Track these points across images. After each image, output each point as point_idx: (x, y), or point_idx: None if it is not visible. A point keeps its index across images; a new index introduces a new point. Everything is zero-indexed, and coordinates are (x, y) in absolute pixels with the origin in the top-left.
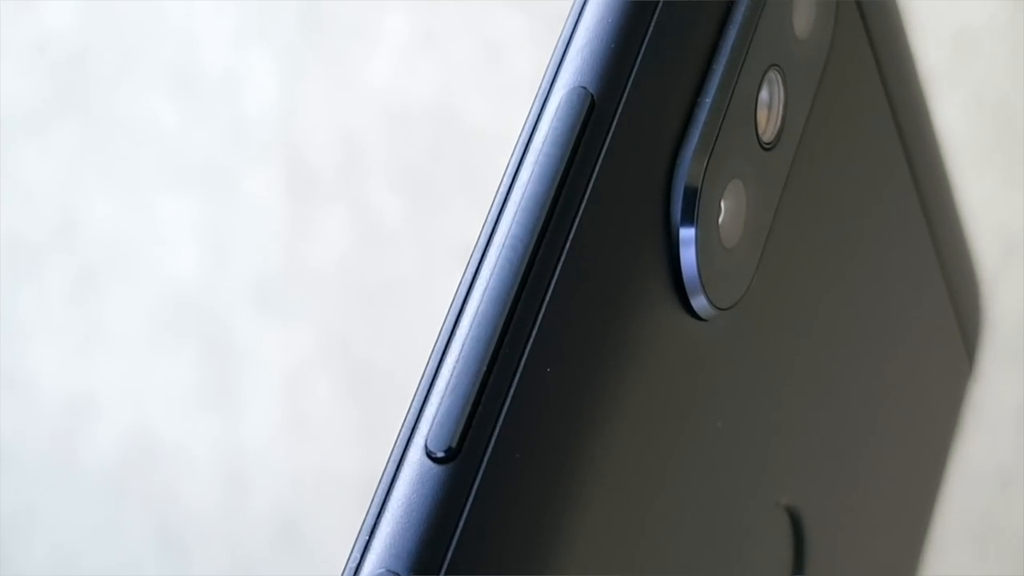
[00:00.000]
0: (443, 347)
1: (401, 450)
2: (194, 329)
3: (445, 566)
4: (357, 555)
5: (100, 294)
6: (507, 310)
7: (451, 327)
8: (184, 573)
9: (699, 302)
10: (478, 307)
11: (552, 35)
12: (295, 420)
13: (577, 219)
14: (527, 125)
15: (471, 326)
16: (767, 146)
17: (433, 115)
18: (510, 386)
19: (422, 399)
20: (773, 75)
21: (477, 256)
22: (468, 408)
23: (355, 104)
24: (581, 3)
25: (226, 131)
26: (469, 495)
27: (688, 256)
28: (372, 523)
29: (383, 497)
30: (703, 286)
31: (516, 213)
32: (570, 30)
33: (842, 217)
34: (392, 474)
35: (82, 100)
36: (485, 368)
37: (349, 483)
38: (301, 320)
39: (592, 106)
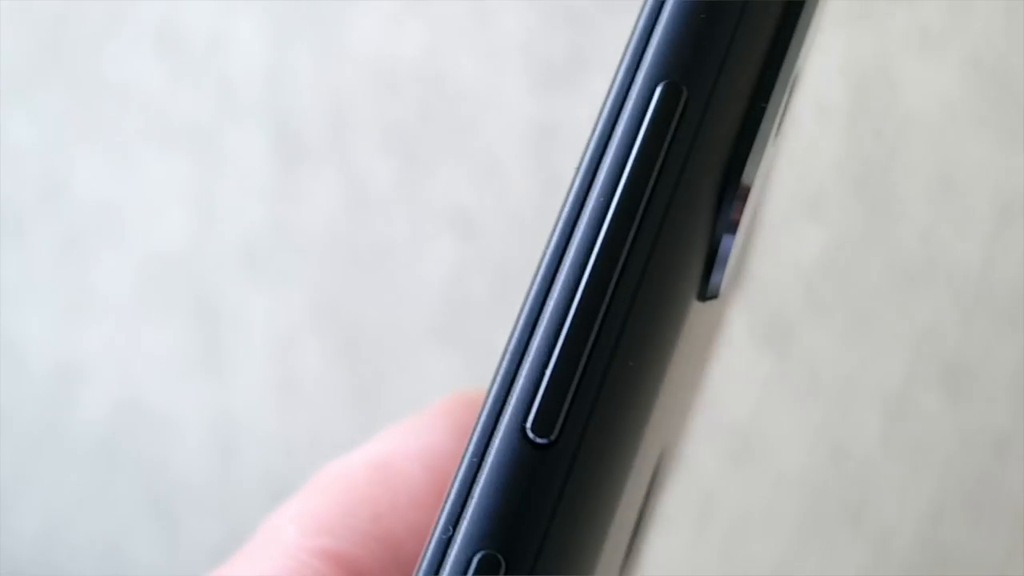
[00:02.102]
0: (529, 325)
1: (489, 429)
2: (182, 294)
3: (542, 550)
4: (444, 533)
5: (87, 259)
6: (607, 300)
7: (536, 309)
8: (175, 540)
9: (715, 284)
10: (579, 294)
11: None
12: (285, 385)
13: (669, 211)
14: (608, 110)
15: (573, 316)
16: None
17: (421, 77)
18: (604, 377)
19: (509, 377)
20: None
21: (561, 236)
22: (570, 397)
23: (343, 66)
24: None
25: (213, 93)
26: (566, 482)
27: (727, 246)
28: (459, 503)
29: (471, 476)
30: (724, 272)
31: (616, 201)
32: (649, 21)
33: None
34: (479, 454)
35: (67, 61)
36: (585, 359)
37: (340, 448)
38: (290, 284)
39: (687, 102)
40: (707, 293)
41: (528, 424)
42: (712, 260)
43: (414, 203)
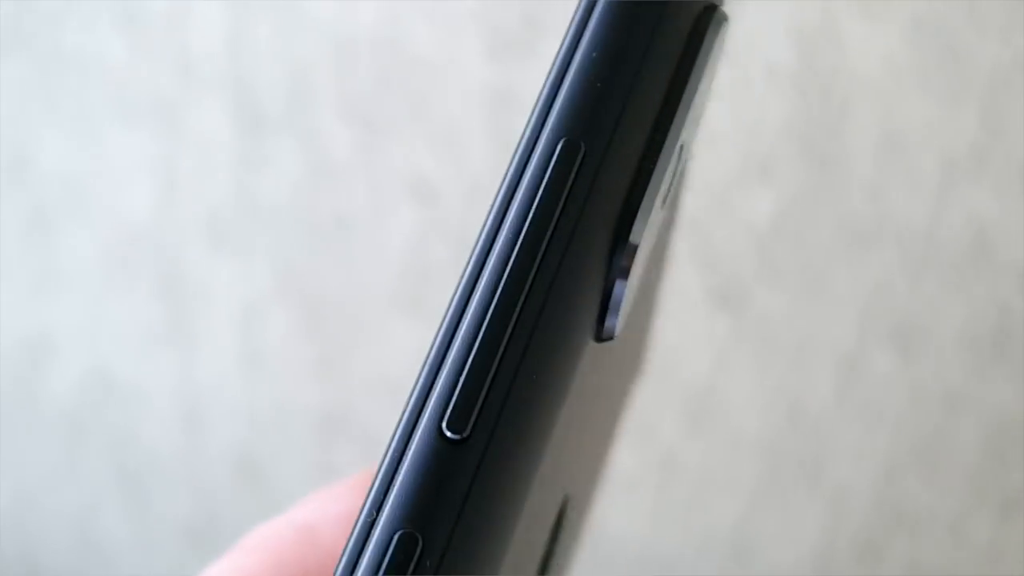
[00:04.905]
0: (447, 339)
1: (410, 426)
2: (148, 266)
3: (454, 531)
4: (368, 516)
5: (52, 232)
6: (512, 325)
7: (452, 327)
8: (144, 510)
9: (610, 327)
10: (488, 318)
11: None
12: (250, 355)
13: (565, 254)
14: (516, 161)
15: (483, 335)
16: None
17: (379, 45)
18: (510, 387)
19: (430, 379)
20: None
21: (474, 267)
22: (480, 402)
23: (301, 35)
24: (566, 56)
25: (174, 65)
26: (476, 473)
27: (619, 292)
28: (382, 490)
29: (393, 467)
30: (618, 316)
31: (520, 242)
32: (557, 79)
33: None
34: (401, 448)
35: (28, 37)
36: (494, 371)
37: (305, 417)
38: (254, 254)
39: (584, 157)
40: (603, 334)
41: (444, 423)
42: (606, 304)
43: (374, 171)
